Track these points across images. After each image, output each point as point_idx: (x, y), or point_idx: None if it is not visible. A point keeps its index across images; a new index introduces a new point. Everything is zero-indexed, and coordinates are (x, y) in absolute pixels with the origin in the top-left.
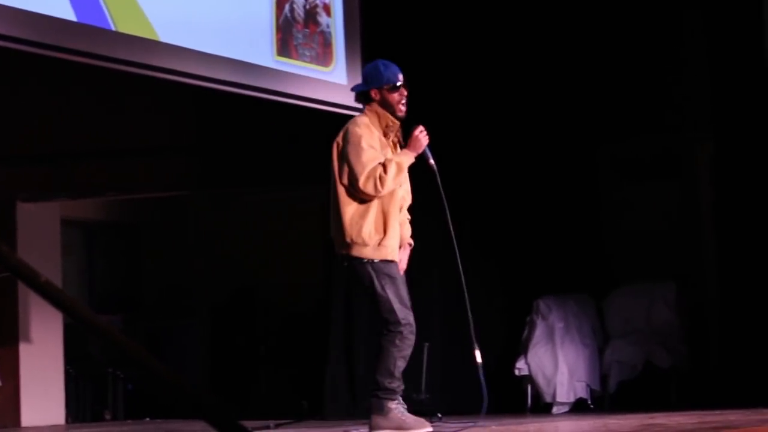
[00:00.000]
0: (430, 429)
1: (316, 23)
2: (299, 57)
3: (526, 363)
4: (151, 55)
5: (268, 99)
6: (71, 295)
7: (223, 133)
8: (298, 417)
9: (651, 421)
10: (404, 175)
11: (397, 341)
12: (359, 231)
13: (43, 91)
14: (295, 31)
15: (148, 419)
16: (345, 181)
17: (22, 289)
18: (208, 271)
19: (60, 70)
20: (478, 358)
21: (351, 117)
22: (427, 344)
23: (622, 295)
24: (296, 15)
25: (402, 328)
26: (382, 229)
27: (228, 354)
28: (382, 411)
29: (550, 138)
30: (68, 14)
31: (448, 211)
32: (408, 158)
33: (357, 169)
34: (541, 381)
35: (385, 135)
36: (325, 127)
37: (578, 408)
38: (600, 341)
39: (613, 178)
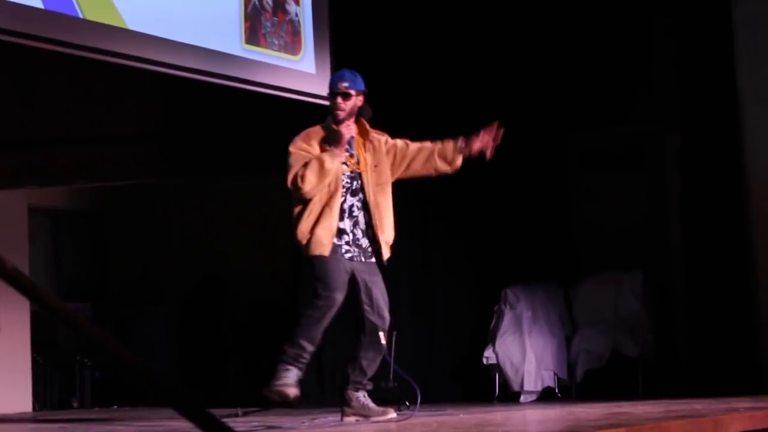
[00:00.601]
0: (394, 416)
1: (285, 12)
2: (268, 45)
3: (494, 352)
4: (119, 42)
5: (236, 87)
6: (38, 283)
7: (191, 122)
8: (266, 405)
9: (618, 410)
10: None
11: (316, 311)
12: (298, 231)
13: (10, 79)
14: (263, 20)
15: (115, 407)
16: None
17: None
18: (176, 260)
19: (27, 57)
20: (383, 339)
21: (319, 106)
22: (395, 333)
23: (590, 284)
24: (265, 3)
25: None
26: (311, 227)
27: (196, 342)
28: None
29: (518, 127)
30: (35, 1)
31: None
32: (331, 154)
33: (287, 172)
34: (508, 370)
35: (332, 141)
36: (294, 115)
37: (545, 397)
38: (568, 330)
39: (582, 168)
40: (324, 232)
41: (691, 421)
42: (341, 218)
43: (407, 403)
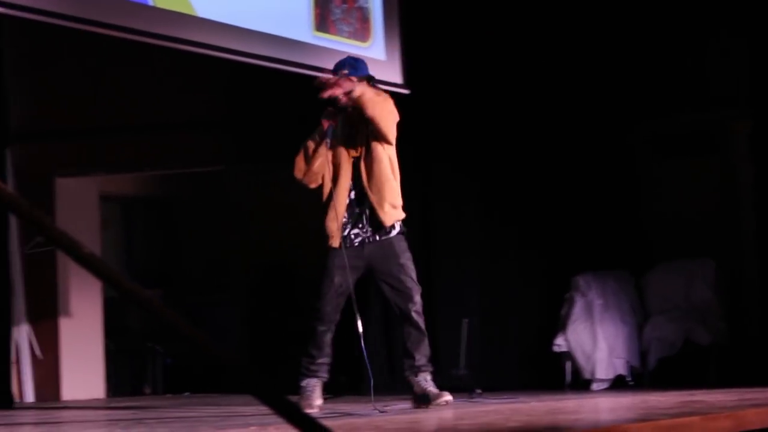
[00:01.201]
0: (450, 398)
1: None
2: (337, 32)
3: (565, 339)
4: (189, 30)
5: (305, 74)
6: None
7: (260, 108)
8: (337, 392)
9: (691, 398)
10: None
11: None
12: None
13: (81, 67)
14: (333, 7)
15: (187, 393)
16: None
17: (62, 262)
18: (244, 247)
19: (97, 44)
20: (360, 328)
21: (389, 93)
22: (466, 320)
23: (661, 272)
24: None
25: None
26: (325, 217)
27: (263, 330)
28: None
29: (587, 116)
30: None
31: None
32: (314, 140)
33: None
34: (580, 357)
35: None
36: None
37: (617, 385)
38: (639, 318)
39: (651, 156)
40: (334, 223)
41: (766, 410)
42: (349, 205)
43: (478, 390)
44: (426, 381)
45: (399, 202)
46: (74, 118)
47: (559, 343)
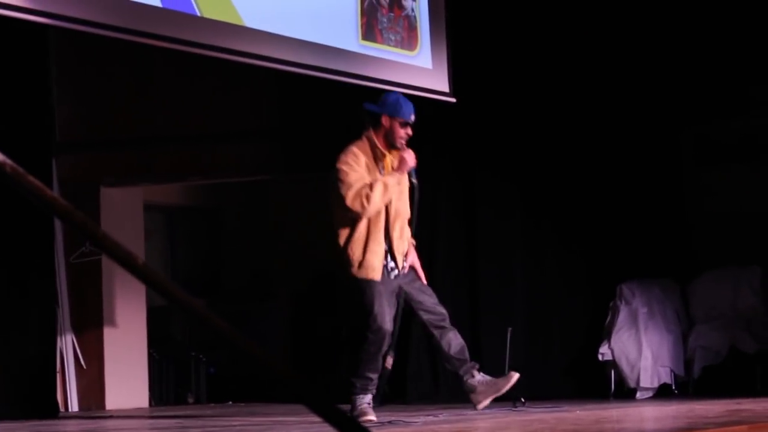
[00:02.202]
0: (518, 376)
1: (401, 7)
2: (384, 41)
3: (610, 348)
4: (236, 40)
5: (352, 83)
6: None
7: (305, 117)
8: (380, 401)
9: (737, 407)
10: (399, 192)
11: (371, 345)
12: (347, 253)
13: (127, 76)
14: (380, 15)
15: (230, 403)
16: (336, 205)
17: (107, 272)
18: (289, 256)
19: (144, 54)
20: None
21: (435, 101)
22: (510, 328)
23: (707, 279)
24: None
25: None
26: (362, 251)
27: (308, 338)
28: (353, 405)
29: (634, 122)
30: (154, 0)
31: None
32: (394, 178)
33: (343, 189)
34: (624, 366)
35: (376, 160)
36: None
37: (662, 393)
38: (684, 326)
39: (698, 161)
40: (374, 256)
41: None
42: (386, 239)
43: (522, 399)
44: (482, 375)
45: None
46: (120, 127)
47: (604, 352)
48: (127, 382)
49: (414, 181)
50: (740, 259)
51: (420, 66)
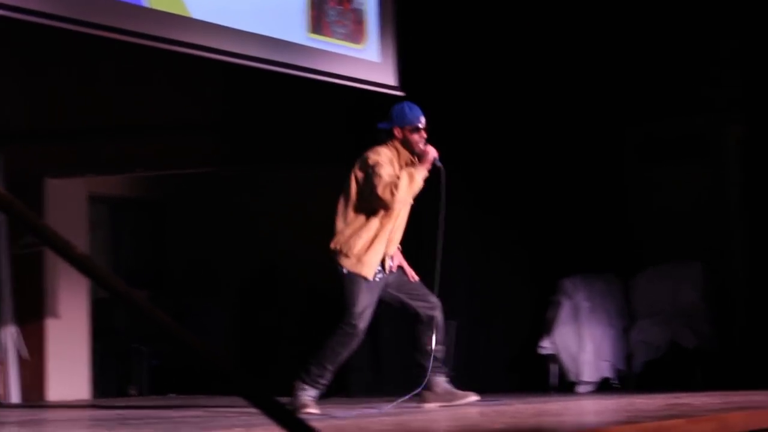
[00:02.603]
0: (477, 398)
1: (350, 0)
2: (332, 34)
3: (552, 342)
4: (183, 31)
5: (300, 76)
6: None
7: (252, 111)
8: (324, 395)
9: (676, 401)
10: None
11: (344, 338)
12: (349, 244)
13: (73, 67)
14: (328, 8)
15: (173, 395)
16: (355, 195)
17: (50, 263)
18: (233, 249)
19: (89, 45)
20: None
21: (382, 94)
22: (453, 322)
23: (649, 275)
24: None
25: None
26: (366, 247)
27: (252, 331)
28: (298, 392)
29: (579, 119)
30: None
31: (445, 209)
32: (419, 171)
33: (375, 180)
34: (566, 360)
35: (401, 166)
36: (353, 104)
37: (603, 388)
38: (626, 321)
39: (641, 159)
40: (376, 257)
41: (751, 413)
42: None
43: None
44: (446, 382)
45: None
46: (65, 119)
47: (545, 346)
48: (70, 374)
49: (439, 165)
50: (682, 255)
51: (367, 59)
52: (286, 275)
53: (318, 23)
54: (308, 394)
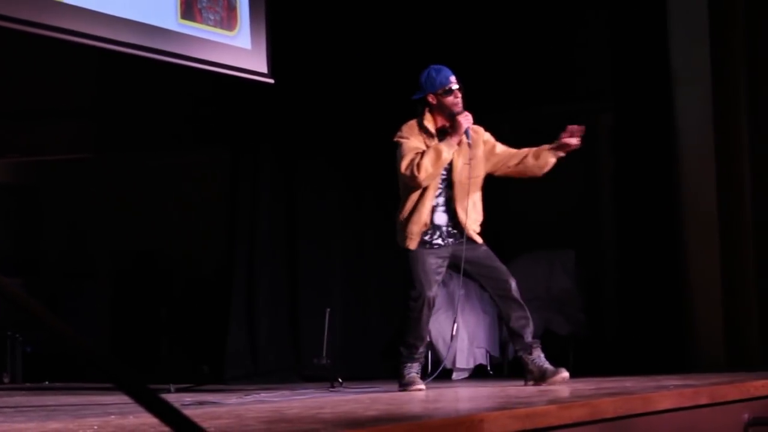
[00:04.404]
0: (567, 375)
1: None
2: (203, 20)
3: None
4: (53, 15)
5: (171, 62)
6: None
7: (126, 96)
8: (199, 381)
9: (548, 387)
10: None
11: (412, 311)
12: (399, 218)
13: None
14: None
15: (47, 382)
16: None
17: None
18: (110, 235)
19: None
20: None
21: (255, 82)
22: (328, 309)
23: (522, 263)
24: None
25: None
26: (407, 220)
27: (129, 318)
28: (403, 374)
29: None
30: None
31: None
32: (448, 144)
33: (399, 161)
34: (441, 347)
35: (441, 134)
36: (227, 91)
37: (478, 374)
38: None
39: (517, 146)
40: (415, 227)
41: (621, 399)
42: (434, 211)
43: (340, 380)
44: (540, 358)
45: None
46: None
47: None
48: None
49: (469, 141)
50: (555, 243)
51: (239, 46)
52: (164, 261)
53: (189, 9)
54: (413, 371)
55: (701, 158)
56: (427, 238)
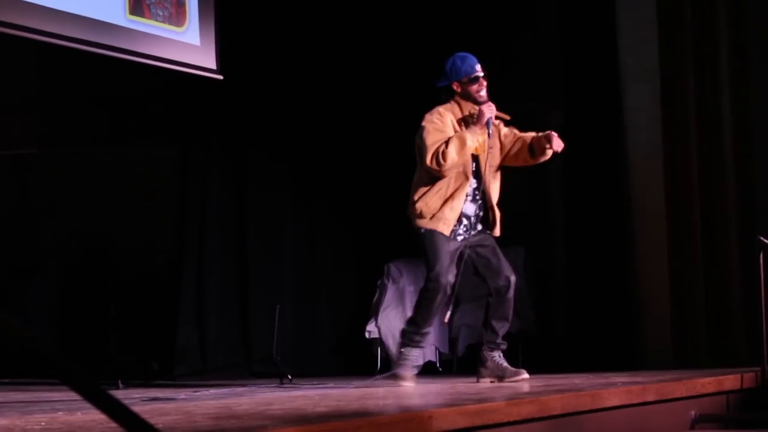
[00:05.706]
0: (527, 376)
1: None
2: (152, 16)
3: (377, 326)
4: None
5: (119, 58)
6: None
7: (70, 91)
8: (148, 378)
9: (497, 384)
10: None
11: (429, 294)
12: (422, 202)
13: None
14: None
15: None
16: (421, 163)
17: None
18: (57, 231)
19: None
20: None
21: (203, 78)
22: (278, 306)
23: None
24: None
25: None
26: (440, 206)
27: (76, 314)
28: (401, 357)
29: (404, 102)
30: None
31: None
32: (472, 133)
33: (423, 150)
34: (391, 344)
35: (466, 122)
36: (177, 87)
37: (427, 371)
38: (450, 305)
39: None
40: (452, 213)
41: (569, 395)
42: (465, 201)
43: (289, 377)
44: (500, 357)
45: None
46: None
47: (371, 330)
48: None
49: (490, 132)
50: (505, 240)
51: (187, 42)
52: (113, 257)
53: (137, 5)
54: (411, 355)
55: (650, 156)
56: (454, 226)
